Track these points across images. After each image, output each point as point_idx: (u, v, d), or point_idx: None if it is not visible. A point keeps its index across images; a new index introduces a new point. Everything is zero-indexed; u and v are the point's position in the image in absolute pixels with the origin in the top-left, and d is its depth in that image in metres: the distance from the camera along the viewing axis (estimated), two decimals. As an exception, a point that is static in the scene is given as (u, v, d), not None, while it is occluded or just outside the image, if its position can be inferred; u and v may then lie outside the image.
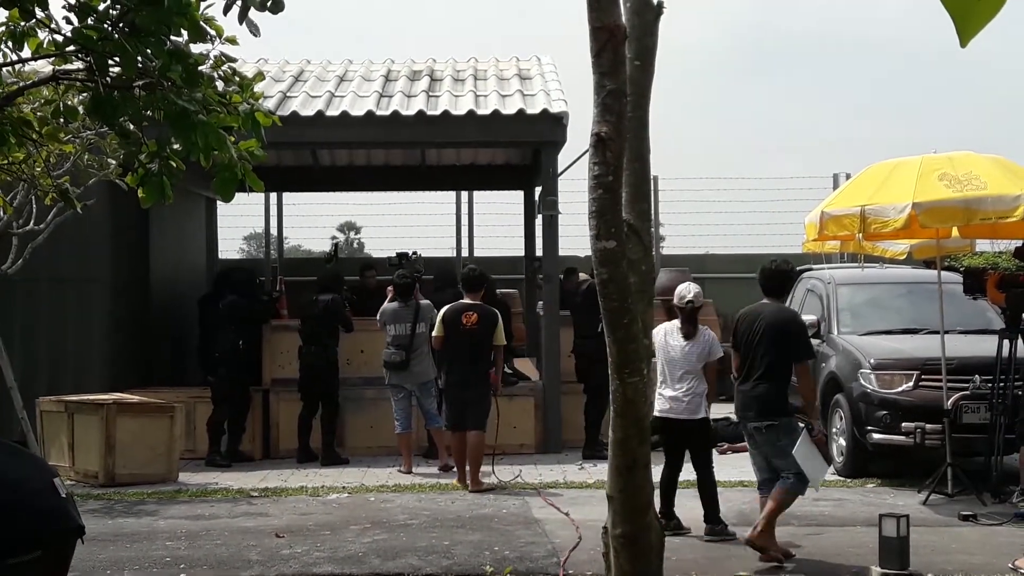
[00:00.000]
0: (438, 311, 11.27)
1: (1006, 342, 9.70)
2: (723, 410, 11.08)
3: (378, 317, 11.87)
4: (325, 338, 12.35)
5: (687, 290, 8.81)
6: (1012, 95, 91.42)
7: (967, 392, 9.92)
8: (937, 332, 10.28)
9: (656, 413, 8.62)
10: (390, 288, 12.06)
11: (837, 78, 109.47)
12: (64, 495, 3.70)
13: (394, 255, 13.49)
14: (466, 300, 10.90)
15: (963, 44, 2.23)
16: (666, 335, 8.83)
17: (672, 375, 8.73)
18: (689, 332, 8.75)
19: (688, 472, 8.81)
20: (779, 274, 8.34)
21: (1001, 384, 9.70)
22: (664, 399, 8.75)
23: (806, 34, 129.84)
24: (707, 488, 8.66)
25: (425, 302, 11.81)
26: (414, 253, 12.59)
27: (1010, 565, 7.25)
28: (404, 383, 11.68)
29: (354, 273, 15.94)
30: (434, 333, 11.03)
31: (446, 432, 11.16)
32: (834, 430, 11.17)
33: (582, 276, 13.82)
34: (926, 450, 10.22)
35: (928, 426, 10.02)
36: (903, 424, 10.25)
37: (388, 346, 11.69)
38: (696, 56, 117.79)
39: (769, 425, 7.95)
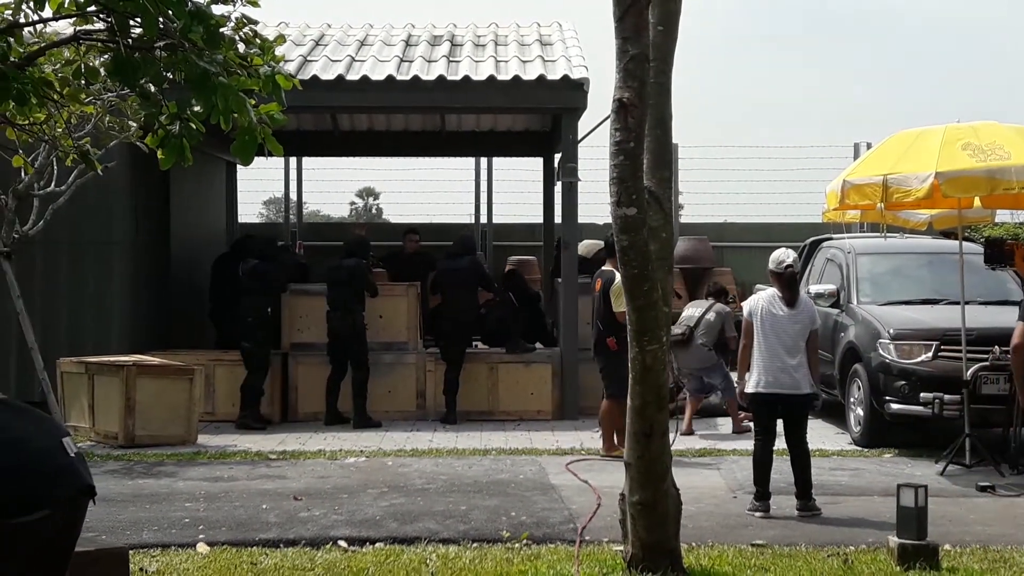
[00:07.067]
0: (448, 277, 12.26)
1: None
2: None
3: None
4: (351, 303, 12.37)
5: (785, 255, 8.48)
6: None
7: (986, 363, 9.87)
8: (957, 303, 10.23)
9: (759, 389, 8.30)
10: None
11: (859, 47, 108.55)
12: (73, 454, 3.69)
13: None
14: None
15: None
16: (768, 305, 8.41)
17: (783, 346, 8.26)
18: (792, 299, 8.40)
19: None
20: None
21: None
22: (771, 371, 8.27)
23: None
24: (804, 464, 8.28)
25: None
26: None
27: None
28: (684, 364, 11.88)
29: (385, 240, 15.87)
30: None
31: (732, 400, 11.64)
32: (852, 400, 11.14)
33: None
34: (944, 421, 10.20)
35: (947, 396, 10.00)
36: (922, 394, 10.23)
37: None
38: (718, 23, 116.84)
39: None
